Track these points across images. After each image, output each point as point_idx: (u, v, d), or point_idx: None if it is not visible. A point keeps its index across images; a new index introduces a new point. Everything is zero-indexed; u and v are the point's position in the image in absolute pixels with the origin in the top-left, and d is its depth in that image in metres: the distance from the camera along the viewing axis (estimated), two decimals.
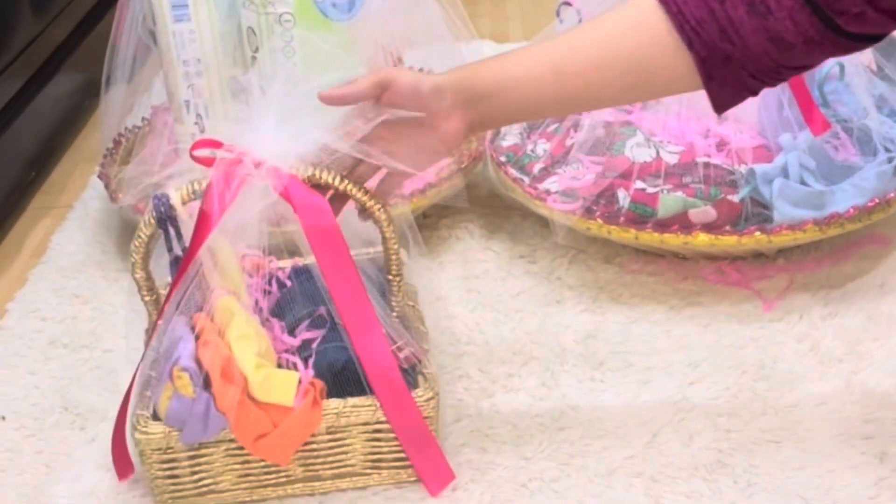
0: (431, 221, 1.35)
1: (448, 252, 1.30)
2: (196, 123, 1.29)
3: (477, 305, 1.20)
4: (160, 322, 0.94)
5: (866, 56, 1.29)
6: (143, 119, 1.45)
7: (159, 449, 0.93)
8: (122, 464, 0.99)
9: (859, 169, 1.19)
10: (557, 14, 1.42)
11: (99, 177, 1.38)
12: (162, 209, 0.92)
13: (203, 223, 0.91)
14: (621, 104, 1.16)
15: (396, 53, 1.30)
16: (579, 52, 0.85)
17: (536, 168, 1.27)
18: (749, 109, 1.23)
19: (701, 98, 1.22)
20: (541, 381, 1.09)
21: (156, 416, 0.93)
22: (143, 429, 0.92)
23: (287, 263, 1.06)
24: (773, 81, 0.83)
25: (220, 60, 1.25)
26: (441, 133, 0.89)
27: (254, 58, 1.24)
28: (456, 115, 0.88)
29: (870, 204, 1.16)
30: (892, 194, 1.17)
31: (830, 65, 1.24)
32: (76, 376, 1.15)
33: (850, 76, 1.24)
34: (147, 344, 0.95)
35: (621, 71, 0.84)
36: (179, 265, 0.92)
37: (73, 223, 1.44)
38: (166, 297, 0.94)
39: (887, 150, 1.20)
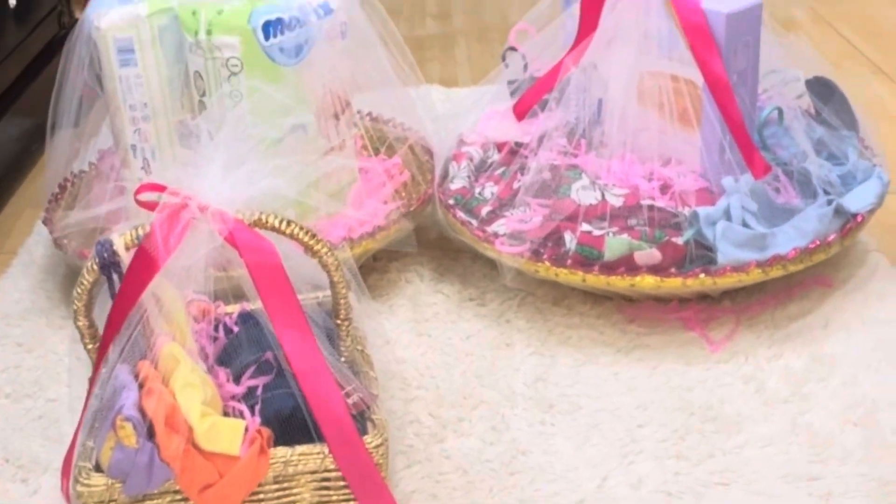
0: (381, 264, 1.33)
1: (398, 295, 1.28)
2: (143, 168, 1.26)
3: (427, 349, 1.18)
4: (102, 370, 0.90)
5: (804, 101, 1.30)
6: (89, 164, 1.42)
7: (101, 502, 0.89)
8: None
9: (800, 211, 1.19)
10: (503, 59, 1.42)
11: (44, 222, 1.34)
12: (105, 255, 0.89)
13: (144, 266, 0.88)
14: None
15: (344, 98, 1.29)
16: None
17: (484, 211, 1.25)
18: (691, 153, 1.23)
19: (645, 142, 1.24)
20: (491, 426, 1.06)
21: (98, 468, 0.89)
22: (85, 481, 0.88)
23: (234, 309, 1.04)
24: None
25: (167, 105, 1.23)
26: None
27: (201, 102, 1.21)
28: None
29: (811, 246, 1.16)
30: (832, 236, 1.17)
31: (769, 109, 1.24)
32: (19, 426, 1.11)
33: (790, 120, 1.25)
34: (89, 393, 0.92)
35: None
36: (111, 308, 0.89)
37: (17, 269, 1.40)
38: (103, 342, 0.91)
39: (827, 192, 1.20)
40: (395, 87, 1.37)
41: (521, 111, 1.33)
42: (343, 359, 0.97)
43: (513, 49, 1.41)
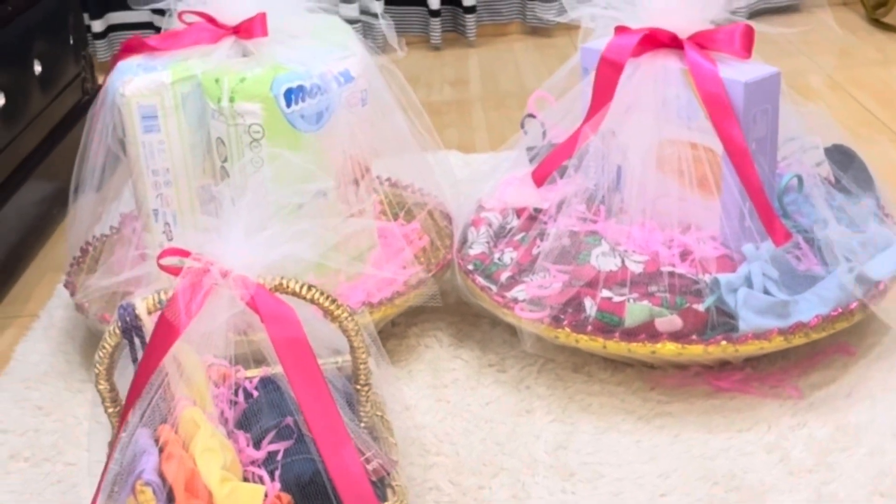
0: (400, 329, 1.33)
1: (417, 360, 1.28)
2: (164, 232, 1.27)
3: (446, 415, 1.18)
4: (122, 434, 0.90)
5: (824, 168, 1.31)
6: (111, 227, 1.43)
7: None
8: None
9: (822, 279, 1.19)
10: (522, 126, 1.44)
11: (65, 286, 1.35)
12: (127, 319, 0.90)
13: (165, 332, 0.89)
14: None
15: (364, 164, 1.30)
16: None
17: (504, 276, 1.26)
18: (711, 219, 1.23)
19: (664, 209, 1.24)
20: (512, 494, 1.05)
21: None
22: None
23: (255, 373, 1.04)
24: None
25: (189, 170, 1.25)
26: None
27: (223, 168, 1.23)
28: None
29: (833, 313, 1.16)
30: (854, 304, 1.17)
31: (789, 176, 1.25)
32: (37, 491, 1.11)
33: (809, 187, 1.25)
34: (109, 457, 0.92)
35: None
36: (135, 373, 0.90)
37: (37, 333, 1.40)
38: (125, 406, 0.91)
39: (848, 260, 1.20)
40: (414, 152, 1.39)
41: (540, 177, 1.34)
42: (363, 424, 0.97)
43: (531, 116, 1.42)
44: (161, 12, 1.32)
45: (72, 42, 1.83)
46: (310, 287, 0.91)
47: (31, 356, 1.35)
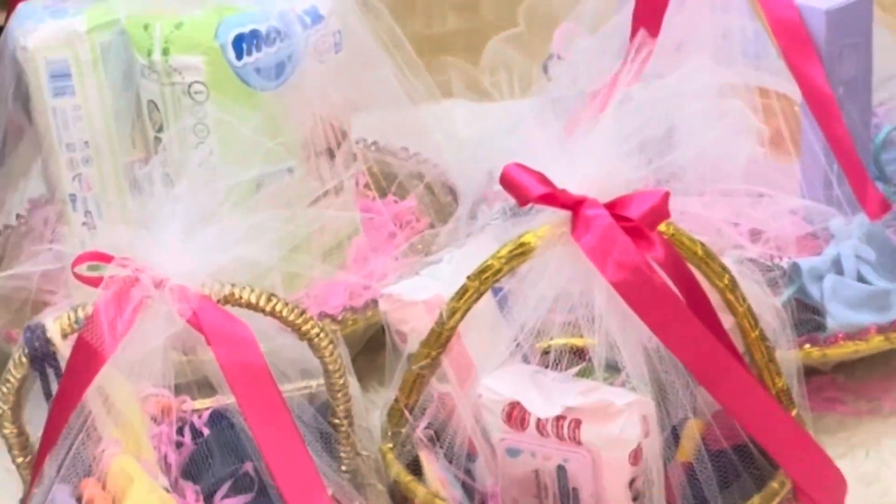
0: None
1: None
2: (85, 223, 1.29)
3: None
4: (36, 491, 0.93)
5: None
6: (17, 216, 1.45)
7: None
8: None
9: None
10: (545, 70, 1.44)
11: None
12: (36, 345, 0.92)
13: (86, 358, 0.90)
14: None
15: (340, 127, 1.31)
16: None
17: None
18: (789, 187, 1.25)
19: (729, 175, 1.25)
20: None
21: None
22: None
23: (206, 404, 1.05)
24: None
25: (114, 144, 1.26)
26: None
27: (157, 139, 1.24)
28: None
29: None
30: None
31: (888, 129, 1.26)
32: None
33: None
34: None
35: None
36: (48, 413, 0.92)
37: None
38: (38, 455, 0.93)
39: None
40: (406, 108, 1.40)
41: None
42: (343, 468, 0.99)
43: (557, 56, 1.43)
44: None
45: None
46: (269, 297, 0.93)
47: None
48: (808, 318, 1.18)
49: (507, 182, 0.94)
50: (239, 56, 1.21)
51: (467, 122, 1.71)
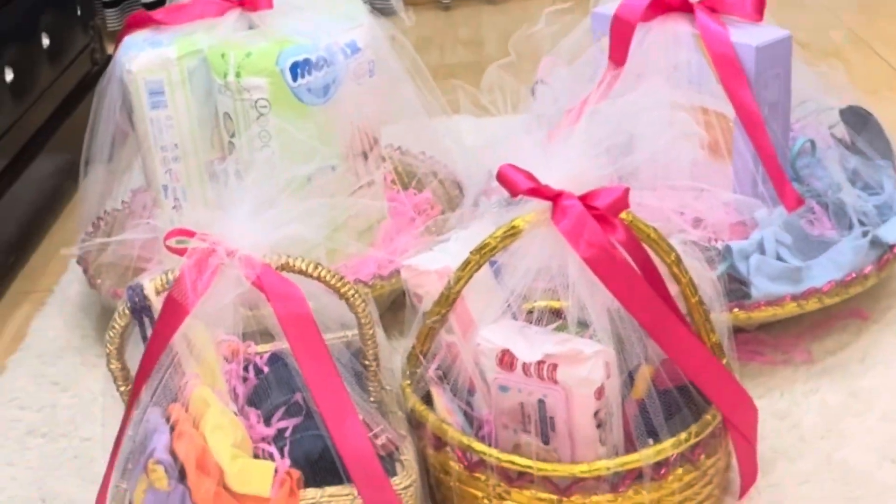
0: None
1: None
2: (174, 207, 1.30)
3: None
4: (134, 412, 0.94)
5: (839, 130, 1.32)
6: (122, 202, 1.46)
7: None
8: None
9: (835, 243, 1.20)
10: (532, 92, 1.45)
11: (77, 261, 1.39)
12: (136, 299, 0.93)
13: (173, 311, 0.91)
14: None
15: (372, 135, 1.32)
16: None
17: None
18: (723, 185, 1.25)
19: (676, 174, 1.25)
20: None
21: None
22: None
23: (266, 348, 1.06)
24: None
25: (197, 145, 1.27)
26: None
27: (230, 143, 1.25)
28: None
29: (847, 278, 1.17)
30: (868, 268, 1.18)
31: (802, 140, 1.26)
32: (54, 466, 1.15)
33: (823, 151, 1.27)
34: (120, 434, 0.95)
35: None
36: (144, 353, 0.92)
37: (52, 308, 1.44)
38: (135, 385, 0.94)
39: (862, 223, 1.22)
40: (423, 120, 1.40)
41: None
42: (371, 399, 0.99)
43: (542, 82, 1.43)
44: None
45: (79, 13, 1.85)
46: (316, 265, 0.93)
47: (46, 332, 1.39)
48: (736, 288, 1.18)
49: (501, 178, 0.94)
50: (294, 78, 1.21)
51: (471, 132, 1.71)
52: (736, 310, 1.16)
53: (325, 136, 1.24)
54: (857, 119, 1.31)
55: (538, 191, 0.93)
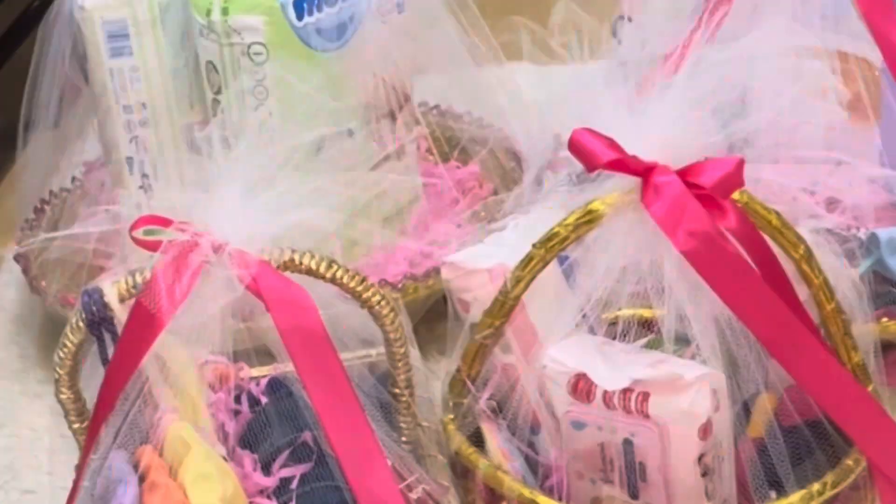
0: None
1: None
2: (141, 187, 1.30)
3: None
4: (92, 457, 0.94)
5: None
6: (73, 180, 1.47)
7: None
8: None
9: None
10: (613, 32, 1.44)
11: (15, 258, 1.39)
12: (94, 309, 0.93)
13: (143, 324, 0.92)
14: None
15: (402, 90, 1.32)
16: None
17: None
18: (868, 154, 1.24)
19: (805, 141, 1.25)
20: None
21: None
22: None
23: (263, 372, 1.07)
24: None
25: (171, 105, 1.28)
26: None
27: (215, 101, 1.26)
28: None
29: None
30: None
31: None
32: None
33: None
34: (75, 486, 0.96)
35: None
36: (104, 378, 0.93)
37: None
38: (94, 420, 0.94)
39: None
40: (469, 70, 1.40)
41: None
42: (403, 439, 1.00)
43: (628, 19, 1.43)
44: None
45: None
46: (329, 263, 0.94)
47: None
48: (885, 290, 1.18)
49: (575, 147, 0.94)
50: (300, 16, 1.22)
51: (533, 84, 1.71)
52: (885, 319, 1.15)
53: (339, 91, 1.24)
54: None
55: (623, 163, 0.93)
